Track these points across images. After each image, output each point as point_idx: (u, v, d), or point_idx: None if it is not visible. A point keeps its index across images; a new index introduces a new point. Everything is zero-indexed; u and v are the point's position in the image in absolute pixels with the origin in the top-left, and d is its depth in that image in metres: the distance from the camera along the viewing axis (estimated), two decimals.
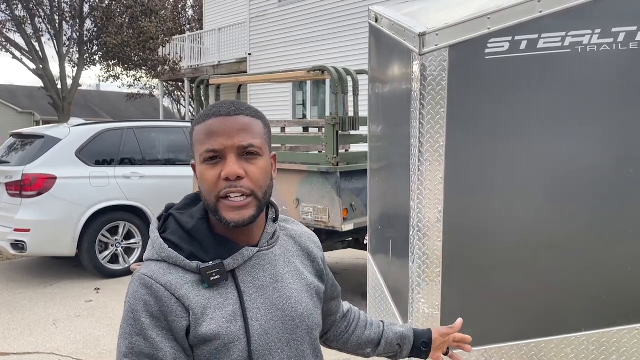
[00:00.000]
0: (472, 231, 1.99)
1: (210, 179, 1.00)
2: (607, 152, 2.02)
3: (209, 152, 1.01)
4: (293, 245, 1.18)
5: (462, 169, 1.95)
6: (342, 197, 4.36)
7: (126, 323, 0.99)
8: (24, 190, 5.54)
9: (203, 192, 1.03)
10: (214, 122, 1.02)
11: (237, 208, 1.00)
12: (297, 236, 1.21)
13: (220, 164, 1.01)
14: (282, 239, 1.17)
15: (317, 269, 1.22)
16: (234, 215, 1.00)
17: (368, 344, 1.39)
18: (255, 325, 1.03)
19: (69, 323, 4.62)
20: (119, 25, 16.16)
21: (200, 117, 1.05)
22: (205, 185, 1.02)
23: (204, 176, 1.01)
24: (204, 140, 1.02)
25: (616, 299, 2.11)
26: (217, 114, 1.03)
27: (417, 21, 2.03)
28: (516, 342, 2.05)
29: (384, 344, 1.38)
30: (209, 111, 1.04)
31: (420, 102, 1.91)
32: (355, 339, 1.38)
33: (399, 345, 1.38)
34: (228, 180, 1.00)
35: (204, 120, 1.04)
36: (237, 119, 1.02)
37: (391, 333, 1.39)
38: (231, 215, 1.00)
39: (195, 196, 1.14)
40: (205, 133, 1.02)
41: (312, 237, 1.25)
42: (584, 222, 2.05)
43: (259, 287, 1.06)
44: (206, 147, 1.01)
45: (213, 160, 1.01)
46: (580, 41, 1.92)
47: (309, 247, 1.22)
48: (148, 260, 1.05)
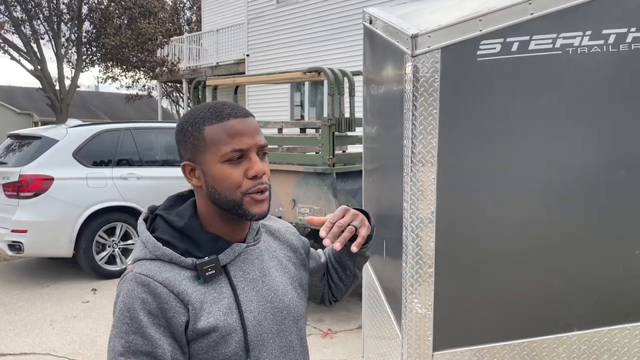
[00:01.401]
0: (465, 231, 2.01)
1: (237, 177, 1.05)
2: (598, 153, 2.04)
3: (235, 152, 1.04)
4: (273, 241, 1.24)
5: (455, 169, 1.97)
6: (338, 198, 4.37)
7: (121, 322, 0.99)
8: (21, 191, 5.54)
9: (222, 190, 1.05)
10: (235, 123, 1.05)
11: (260, 202, 1.07)
12: (275, 231, 1.26)
13: (243, 163, 1.05)
14: (263, 235, 1.21)
15: (300, 259, 1.28)
16: (258, 209, 1.06)
17: (343, 271, 1.35)
18: (250, 316, 1.07)
19: (66, 324, 4.63)
20: (117, 26, 16.17)
21: (210, 117, 1.05)
22: (228, 183, 1.05)
23: (228, 175, 1.05)
24: (227, 141, 1.04)
25: (607, 299, 2.12)
26: (233, 114, 1.06)
27: (410, 23, 2.04)
28: (508, 342, 2.07)
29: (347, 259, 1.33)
30: (221, 112, 1.06)
31: (412, 104, 1.92)
32: (337, 275, 1.37)
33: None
34: (255, 178, 1.05)
35: (219, 120, 1.05)
36: (252, 120, 1.08)
37: (333, 256, 1.37)
38: (255, 209, 1.06)
39: (177, 197, 1.17)
40: (228, 133, 1.04)
41: (289, 228, 1.31)
42: (575, 223, 2.06)
43: (250, 280, 1.11)
44: (232, 147, 1.04)
45: (236, 160, 1.05)
46: (571, 43, 1.94)
47: (288, 239, 1.27)
48: (140, 259, 1.05)
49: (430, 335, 2.02)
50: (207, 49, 17.51)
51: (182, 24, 25.23)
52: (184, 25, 25.25)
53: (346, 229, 1.15)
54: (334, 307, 5.02)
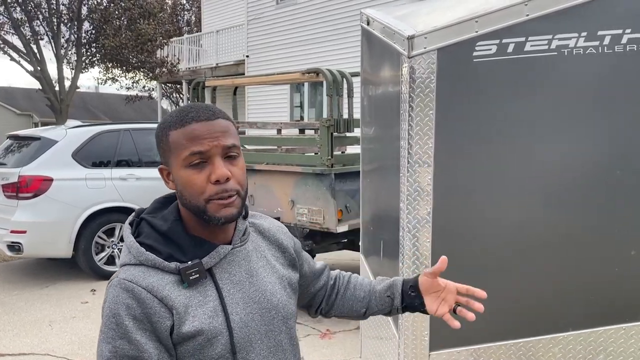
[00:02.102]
0: (462, 232, 2.02)
1: (199, 182, 1.03)
2: (594, 153, 2.05)
3: (194, 156, 1.02)
4: (262, 240, 1.22)
5: (451, 170, 1.97)
6: (337, 199, 4.38)
7: (108, 328, 1.01)
8: (20, 191, 5.55)
9: (188, 196, 1.04)
10: (197, 127, 1.03)
11: (225, 206, 1.03)
12: (265, 230, 1.24)
13: (207, 168, 1.03)
14: (252, 235, 1.20)
15: (290, 259, 1.26)
16: (224, 212, 1.04)
17: (360, 303, 1.36)
18: (236, 318, 1.07)
19: (65, 324, 4.63)
20: (117, 27, 16.19)
21: (175, 121, 1.05)
22: (192, 189, 1.03)
23: (191, 181, 1.03)
24: (187, 145, 1.03)
25: (603, 299, 2.13)
26: (197, 118, 1.04)
27: (407, 24, 2.05)
28: (505, 342, 2.07)
29: (374, 298, 1.35)
30: (186, 116, 1.05)
31: (409, 104, 1.93)
32: (346, 301, 1.37)
33: (389, 297, 1.33)
34: (218, 182, 1.02)
35: (182, 125, 1.04)
36: (219, 122, 1.05)
37: (379, 286, 1.35)
38: (220, 213, 1.03)
39: (164, 199, 1.16)
40: (188, 138, 1.03)
41: (281, 228, 1.29)
42: (571, 224, 2.07)
43: (236, 282, 1.10)
44: (190, 150, 1.02)
45: (198, 165, 1.03)
46: (567, 44, 1.95)
47: (278, 238, 1.25)
48: (125, 265, 1.06)
49: (426, 335, 2.02)
50: (206, 49, 17.53)
51: (181, 25, 25.24)
52: (183, 26, 25.27)
53: None
54: None
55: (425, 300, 1.29)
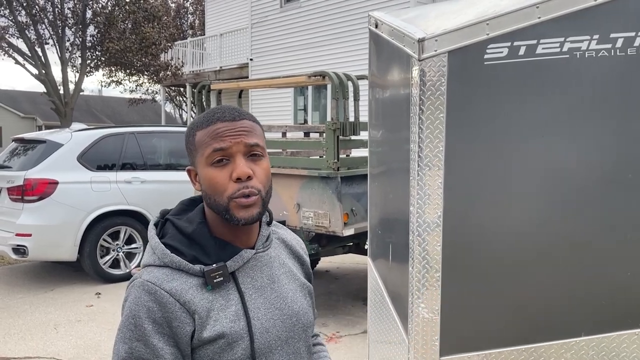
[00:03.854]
0: (472, 236, 2.00)
1: (221, 181, 1.03)
2: (606, 157, 2.03)
3: (216, 152, 1.03)
4: (284, 249, 1.23)
5: (462, 173, 1.96)
6: (343, 202, 4.36)
7: (126, 328, 1.00)
8: (25, 195, 5.55)
9: (211, 194, 1.05)
10: (220, 126, 1.04)
11: (247, 206, 1.04)
12: (287, 240, 1.25)
13: (229, 166, 1.04)
14: (274, 242, 1.20)
15: (307, 272, 1.27)
16: (244, 214, 1.04)
17: None
18: (257, 324, 1.06)
19: (70, 328, 4.63)
20: (121, 30, 16.23)
21: (202, 122, 1.07)
22: (214, 187, 1.04)
23: (214, 179, 1.04)
24: (210, 143, 1.04)
25: (616, 304, 2.11)
26: (221, 119, 1.05)
27: (417, 27, 2.04)
28: (516, 347, 2.05)
29: None
30: (212, 116, 1.06)
31: (419, 107, 1.92)
32: None
33: None
34: (239, 180, 1.03)
35: (207, 125, 1.05)
36: (244, 122, 1.06)
37: None
38: (242, 214, 1.04)
39: (189, 201, 1.17)
40: (212, 136, 1.04)
41: (300, 242, 1.30)
42: (583, 227, 2.05)
43: (258, 287, 1.10)
44: (213, 147, 1.03)
45: (221, 163, 1.04)
46: (579, 47, 1.93)
47: (298, 251, 1.26)
48: (149, 265, 1.06)
49: (437, 340, 2.01)
50: (210, 53, 17.56)
51: (185, 29, 25.31)
52: (187, 29, 25.34)
53: None
54: (338, 311, 5.01)
55: None
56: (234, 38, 16.35)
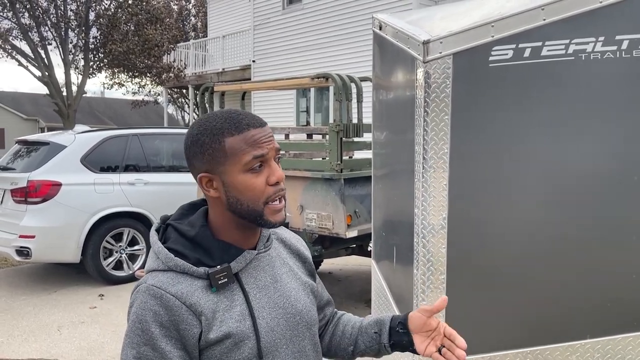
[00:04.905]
0: (477, 238, 2.00)
1: (260, 186, 1.05)
2: (611, 159, 2.03)
3: (256, 159, 1.04)
4: (284, 248, 1.24)
5: (466, 175, 1.96)
6: (346, 204, 4.36)
7: (133, 333, 1.01)
8: (29, 196, 5.56)
9: (245, 200, 1.05)
10: (255, 132, 1.05)
11: (279, 210, 1.08)
12: (286, 239, 1.27)
13: (264, 171, 1.06)
14: (274, 242, 1.22)
15: (309, 269, 1.28)
16: (278, 217, 1.08)
17: (347, 340, 1.31)
18: (262, 323, 1.07)
19: (73, 329, 4.63)
20: (124, 32, 16.26)
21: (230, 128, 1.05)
22: (252, 192, 1.05)
23: (252, 184, 1.05)
24: (247, 150, 1.04)
25: (621, 307, 2.10)
26: (252, 125, 1.06)
27: (421, 29, 2.04)
28: (521, 350, 2.05)
29: (361, 335, 1.29)
30: (240, 122, 1.05)
31: (424, 109, 1.91)
32: (335, 338, 1.33)
33: (376, 333, 1.26)
34: (277, 184, 1.06)
35: (240, 131, 1.04)
36: (267, 128, 1.09)
37: (366, 321, 1.30)
38: (276, 218, 1.08)
39: (189, 206, 1.17)
40: (249, 143, 1.04)
41: (300, 240, 1.32)
42: (588, 230, 2.04)
43: (261, 287, 1.11)
44: (253, 154, 1.04)
45: (259, 169, 1.06)
46: (584, 49, 1.93)
47: (299, 248, 1.28)
48: (153, 270, 1.06)
49: None
50: (213, 55, 17.59)
51: (188, 30, 25.36)
52: (189, 31, 25.38)
53: None
54: None
55: (414, 339, 1.20)
56: (237, 40, 16.37)
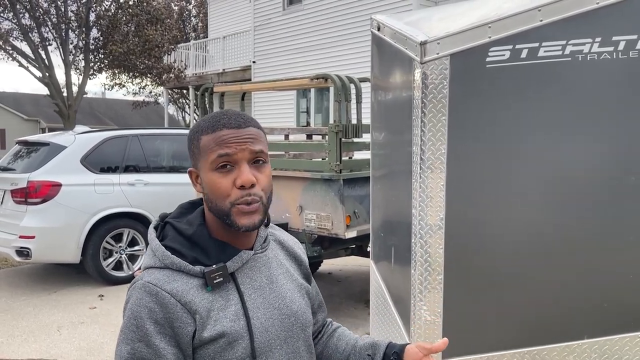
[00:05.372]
0: (474, 238, 2.00)
1: (225, 187, 1.05)
2: (608, 159, 2.03)
3: (221, 158, 1.04)
4: (281, 250, 1.25)
5: (464, 176, 1.96)
6: (345, 204, 4.37)
7: (128, 329, 1.02)
8: (29, 197, 5.57)
9: (214, 199, 1.06)
10: (226, 132, 1.06)
11: (249, 213, 1.05)
12: (284, 241, 1.27)
13: (233, 172, 1.05)
14: (272, 243, 1.23)
15: (305, 272, 1.29)
16: (246, 221, 1.05)
17: (339, 355, 1.32)
18: (257, 323, 1.08)
19: (73, 330, 4.64)
20: (124, 33, 16.27)
21: (207, 127, 1.07)
22: (217, 192, 1.05)
23: (217, 184, 1.05)
24: (215, 148, 1.05)
25: (618, 307, 2.11)
26: (227, 125, 1.06)
27: (419, 30, 2.04)
28: (518, 350, 2.05)
29: (353, 353, 1.30)
30: (218, 122, 1.07)
31: (421, 110, 1.92)
32: (327, 349, 1.34)
33: (369, 355, 1.28)
34: (243, 188, 1.04)
35: (213, 130, 1.06)
36: (249, 130, 1.07)
37: (362, 342, 1.31)
38: (243, 221, 1.05)
39: (189, 204, 1.18)
40: (217, 142, 1.05)
41: (297, 243, 1.32)
42: (585, 230, 2.05)
43: (257, 287, 1.12)
44: (218, 153, 1.04)
45: (225, 168, 1.05)
46: (581, 50, 1.94)
47: (295, 251, 1.28)
48: (150, 267, 1.07)
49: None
50: (213, 55, 17.60)
51: (188, 31, 25.38)
52: (190, 32, 25.40)
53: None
54: (340, 313, 5.01)
55: None
56: (237, 41, 16.38)
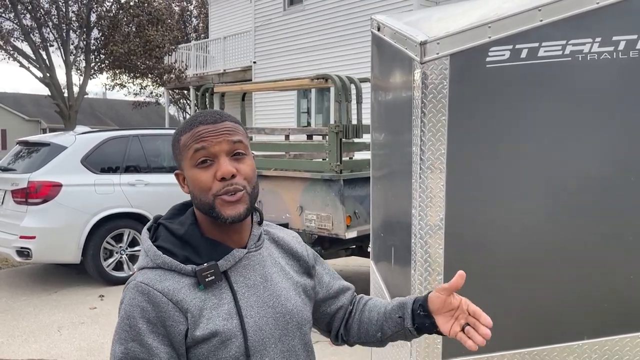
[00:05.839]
0: (474, 238, 2.00)
1: (205, 180, 1.06)
2: (608, 159, 2.03)
3: (198, 152, 1.06)
4: (276, 249, 1.24)
5: (464, 176, 1.96)
6: (346, 205, 4.36)
7: (122, 329, 1.03)
8: (29, 197, 5.57)
9: (197, 194, 1.07)
10: (202, 128, 1.07)
11: (232, 203, 1.05)
12: (279, 239, 1.26)
13: (213, 166, 1.06)
14: (266, 242, 1.22)
15: (304, 267, 1.26)
16: (231, 211, 1.05)
17: (374, 326, 1.27)
18: (250, 322, 1.08)
19: (73, 330, 4.64)
20: (125, 34, 16.28)
21: (185, 126, 1.10)
22: (199, 187, 1.06)
23: (198, 179, 1.06)
24: (192, 145, 1.07)
25: (618, 307, 2.10)
26: (203, 122, 1.08)
27: (419, 30, 2.04)
28: (518, 350, 2.05)
29: (386, 320, 1.25)
30: (194, 120, 1.09)
31: (421, 110, 1.92)
32: (362, 325, 1.30)
33: (400, 317, 1.22)
34: (223, 179, 1.05)
35: (190, 128, 1.09)
36: (223, 124, 1.09)
37: (390, 306, 1.26)
38: (228, 212, 1.05)
39: (181, 206, 1.19)
40: (194, 139, 1.07)
41: (296, 237, 1.31)
42: (585, 230, 2.05)
43: (250, 286, 1.11)
44: (195, 148, 1.06)
45: (205, 164, 1.06)
46: (581, 49, 1.93)
47: (292, 247, 1.26)
48: (142, 268, 1.08)
49: (439, 343, 2.00)
50: (214, 56, 17.61)
51: (189, 32, 25.39)
52: (191, 32, 25.41)
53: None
54: None
55: (437, 320, 1.17)
56: (238, 41, 16.39)
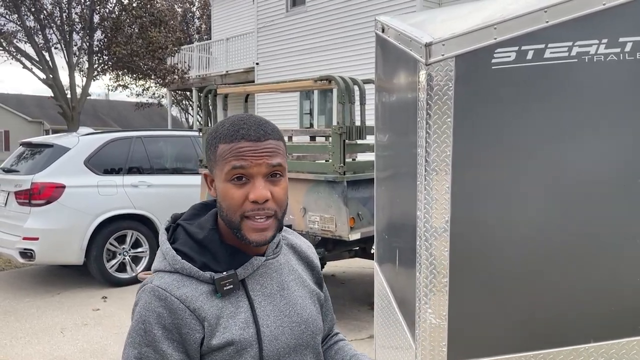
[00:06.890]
0: (479, 241, 1.99)
1: (237, 198, 1.02)
2: (615, 161, 2.02)
3: (235, 170, 1.01)
4: (293, 255, 1.22)
5: (469, 178, 1.95)
6: (349, 206, 4.35)
7: (136, 333, 1.01)
8: (32, 198, 5.58)
9: (225, 209, 1.04)
10: (244, 145, 1.02)
11: (260, 230, 1.03)
12: (296, 246, 1.25)
13: (247, 185, 1.02)
14: (284, 248, 1.20)
15: (317, 277, 1.27)
16: (257, 237, 1.03)
17: None
18: (266, 331, 1.06)
19: (76, 331, 4.63)
20: (128, 35, 16.32)
21: (226, 135, 1.04)
22: (229, 203, 1.03)
23: (230, 195, 1.02)
24: (231, 160, 1.02)
25: (626, 310, 2.09)
26: (246, 137, 1.02)
27: (424, 31, 2.03)
28: (524, 353, 2.04)
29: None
30: (237, 132, 1.03)
31: (426, 112, 1.91)
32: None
33: None
34: (256, 202, 1.02)
35: (231, 140, 1.03)
36: (266, 143, 1.03)
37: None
38: (254, 237, 1.03)
39: (201, 206, 1.16)
40: (234, 154, 1.02)
41: (310, 247, 1.29)
42: (592, 233, 2.03)
43: (267, 294, 1.10)
44: (233, 165, 1.01)
45: (240, 181, 1.02)
46: (587, 51, 1.92)
47: (308, 256, 1.26)
48: (159, 271, 1.06)
49: (444, 346, 1.99)
50: (216, 57, 17.62)
51: (192, 33, 25.43)
52: (193, 34, 25.45)
53: None
54: (344, 316, 4.99)
55: None
56: (240, 42, 16.40)
